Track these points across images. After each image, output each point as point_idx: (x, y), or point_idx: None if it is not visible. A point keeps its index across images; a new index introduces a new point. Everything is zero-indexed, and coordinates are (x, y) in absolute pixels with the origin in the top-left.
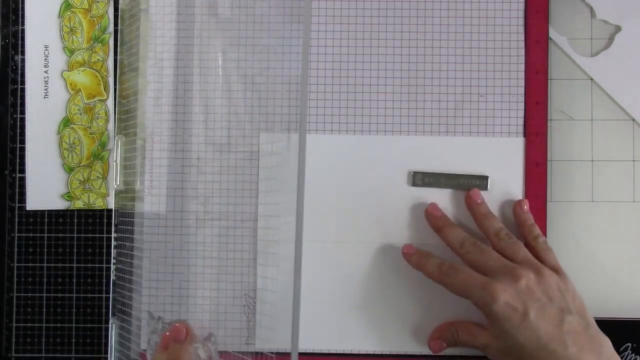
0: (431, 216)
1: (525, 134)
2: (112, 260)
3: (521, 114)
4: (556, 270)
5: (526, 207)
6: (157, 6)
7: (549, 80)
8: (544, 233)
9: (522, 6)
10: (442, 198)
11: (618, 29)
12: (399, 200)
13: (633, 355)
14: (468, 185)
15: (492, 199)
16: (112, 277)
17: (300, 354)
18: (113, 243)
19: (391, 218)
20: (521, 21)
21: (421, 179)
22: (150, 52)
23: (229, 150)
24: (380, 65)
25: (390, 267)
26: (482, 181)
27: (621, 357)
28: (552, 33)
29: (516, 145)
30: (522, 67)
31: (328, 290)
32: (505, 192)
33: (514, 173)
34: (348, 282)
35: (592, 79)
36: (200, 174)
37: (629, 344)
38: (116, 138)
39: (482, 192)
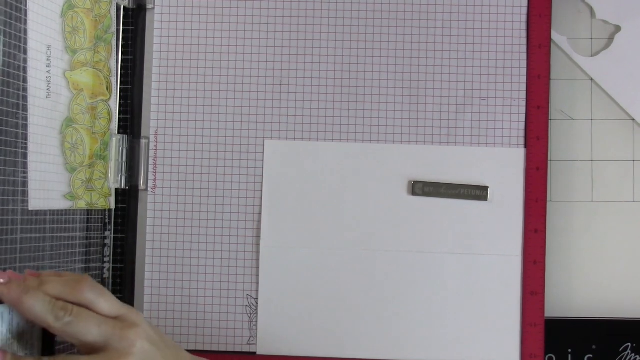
0: None
1: (526, 141)
2: (104, 258)
3: (522, 118)
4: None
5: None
6: (163, 5)
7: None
8: (544, 233)
9: (524, 10)
10: (441, 208)
11: (618, 29)
12: (398, 209)
13: (633, 355)
14: (468, 195)
15: (492, 209)
16: (105, 275)
17: (294, 357)
18: (111, 242)
19: (390, 227)
20: (523, 25)
21: (421, 188)
22: (155, 52)
23: (232, 150)
24: (382, 69)
25: (390, 275)
26: (482, 191)
27: (621, 357)
28: (552, 33)
29: (517, 156)
30: (523, 71)
31: (325, 296)
32: (506, 202)
33: (514, 184)
34: (346, 289)
35: (592, 79)
36: (203, 174)
37: (629, 344)
38: (119, 137)
39: (482, 203)
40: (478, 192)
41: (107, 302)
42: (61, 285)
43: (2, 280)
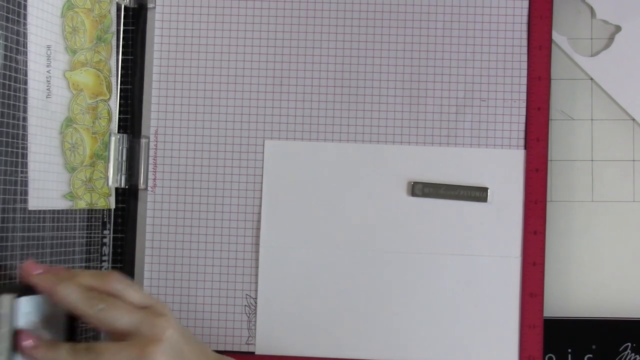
0: (29, 276)
1: (526, 143)
2: (104, 258)
3: (522, 119)
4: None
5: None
6: (164, 5)
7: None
8: (544, 233)
9: (525, 11)
10: (441, 209)
11: (618, 29)
12: (398, 210)
13: (633, 355)
14: (467, 196)
15: (491, 210)
16: None
17: (293, 357)
18: (110, 242)
19: (390, 228)
20: (524, 26)
21: (421, 189)
22: (156, 51)
23: (232, 150)
24: (382, 69)
25: (389, 275)
26: (481, 193)
27: (621, 357)
28: (553, 33)
29: (517, 158)
30: (524, 72)
31: (324, 296)
32: (505, 203)
33: (514, 185)
34: (345, 289)
35: (592, 79)
36: (203, 173)
37: (629, 344)
38: (118, 136)
39: (482, 204)
40: (478, 193)
41: (136, 293)
42: (91, 276)
43: (39, 271)
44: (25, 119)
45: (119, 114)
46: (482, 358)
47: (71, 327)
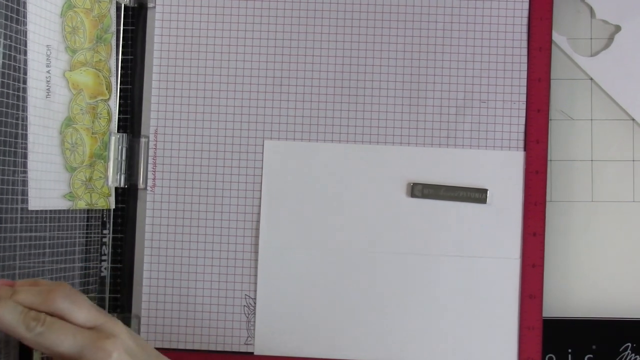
0: None
1: (525, 144)
2: (103, 257)
3: (522, 121)
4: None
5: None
6: (164, 4)
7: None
8: (544, 235)
9: (525, 13)
10: (440, 210)
11: (618, 29)
12: (397, 211)
13: (633, 355)
14: (467, 197)
15: (491, 212)
16: (103, 274)
17: (292, 358)
18: (109, 241)
19: (389, 229)
20: (524, 28)
21: (420, 190)
22: (156, 51)
23: (232, 150)
24: (382, 70)
25: (389, 276)
26: (481, 194)
27: (621, 357)
28: (552, 33)
29: (517, 159)
30: (524, 74)
31: (323, 297)
32: (505, 205)
33: (514, 187)
34: (344, 290)
35: (592, 79)
36: (202, 173)
37: (629, 344)
38: (118, 135)
39: (481, 205)
40: (477, 195)
41: (82, 311)
42: (34, 294)
43: None
44: (25, 119)
45: (119, 114)
46: (481, 359)
47: (24, 350)
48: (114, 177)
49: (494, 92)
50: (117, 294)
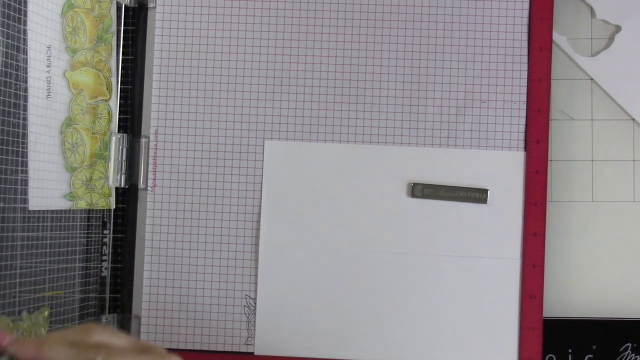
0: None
1: (526, 145)
2: (103, 257)
3: (522, 121)
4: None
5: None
6: (164, 4)
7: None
8: (544, 235)
9: (525, 13)
10: (440, 210)
11: (618, 29)
12: (397, 211)
13: (633, 355)
14: (467, 197)
15: (491, 212)
16: (104, 274)
17: (292, 358)
18: (110, 241)
19: (389, 229)
20: (524, 28)
21: (421, 190)
22: (156, 51)
23: (232, 150)
24: (382, 70)
25: (389, 276)
26: (481, 194)
27: (621, 357)
28: (553, 33)
29: (517, 159)
30: (524, 74)
31: (323, 297)
32: (505, 205)
33: (514, 187)
34: (345, 290)
35: (592, 79)
36: (202, 174)
37: (629, 344)
38: (118, 135)
39: (481, 206)
40: (477, 195)
41: (122, 339)
42: (72, 332)
43: (10, 338)
44: (25, 119)
45: (119, 114)
46: (481, 359)
47: None
48: (114, 177)
49: (494, 92)
50: (118, 294)
